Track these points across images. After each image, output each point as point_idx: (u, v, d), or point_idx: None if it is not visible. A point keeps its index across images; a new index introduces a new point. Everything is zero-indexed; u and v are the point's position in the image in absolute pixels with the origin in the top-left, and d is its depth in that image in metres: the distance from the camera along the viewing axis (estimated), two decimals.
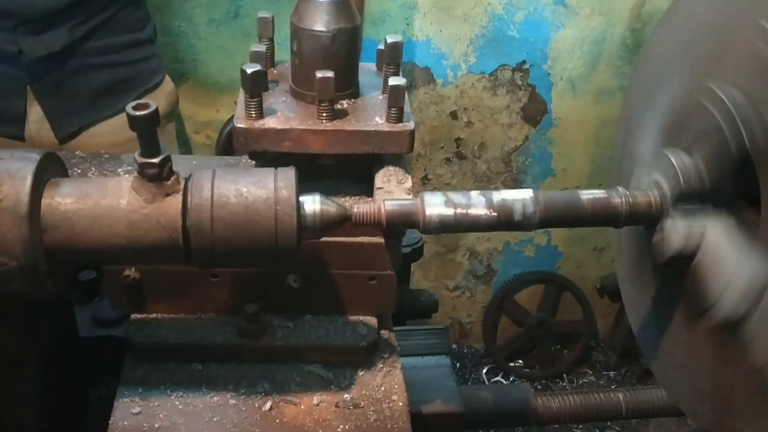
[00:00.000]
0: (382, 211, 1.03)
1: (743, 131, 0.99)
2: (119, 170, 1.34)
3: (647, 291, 1.34)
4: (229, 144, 1.83)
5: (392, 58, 1.23)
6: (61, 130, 2.15)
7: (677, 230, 1.05)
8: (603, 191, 1.09)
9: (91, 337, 1.37)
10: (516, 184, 3.29)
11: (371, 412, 1.15)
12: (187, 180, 0.96)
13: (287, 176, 0.97)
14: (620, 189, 1.09)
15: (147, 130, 0.91)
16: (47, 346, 1.23)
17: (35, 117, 2.11)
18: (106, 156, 1.38)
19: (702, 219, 1.05)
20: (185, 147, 2.99)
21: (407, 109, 1.17)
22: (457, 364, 3.73)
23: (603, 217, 1.07)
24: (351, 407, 1.16)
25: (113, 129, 2.18)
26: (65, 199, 0.92)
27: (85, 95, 2.15)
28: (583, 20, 2.90)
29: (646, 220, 1.09)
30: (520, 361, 3.78)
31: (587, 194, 1.07)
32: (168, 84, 2.38)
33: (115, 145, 2.06)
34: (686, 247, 1.05)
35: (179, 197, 0.94)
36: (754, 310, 0.99)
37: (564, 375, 3.72)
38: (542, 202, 1.05)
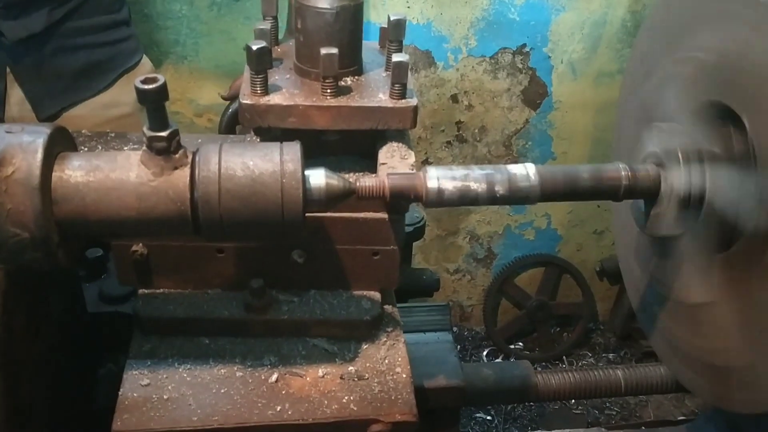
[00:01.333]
0: (386, 184, 1.05)
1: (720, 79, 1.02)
2: (125, 148, 1.36)
3: (648, 266, 1.36)
4: (231, 127, 1.83)
5: (395, 35, 1.23)
6: (42, 112, 2.15)
7: (680, 174, 1.07)
8: (603, 165, 1.11)
9: (98, 313, 1.39)
10: None
11: (375, 384, 1.17)
12: (194, 153, 0.97)
13: (293, 150, 0.99)
14: (620, 163, 1.11)
15: (155, 103, 0.92)
16: (56, 321, 1.25)
17: (16, 99, 2.12)
18: (112, 134, 1.39)
19: (700, 166, 1.08)
20: (188, 131, 2.99)
21: (410, 85, 1.18)
22: (458, 347, 3.75)
23: (603, 189, 1.09)
24: (356, 379, 1.18)
25: (94, 109, 2.18)
26: (75, 172, 0.93)
27: (65, 76, 2.16)
28: (583, 3, 2.91)
29: (645, 193, 1.11)
30: (520, 344, 3.81)
31: (588, 168, 1.09)
32: (146, 64, 2.38)
33: (96, 126, 2.05)
34: (693, 186, 1.07)
35: (187, 170, 0.95)
36: None
37: (564, 357, 3.74)
38: (544, 175, 1.06)
